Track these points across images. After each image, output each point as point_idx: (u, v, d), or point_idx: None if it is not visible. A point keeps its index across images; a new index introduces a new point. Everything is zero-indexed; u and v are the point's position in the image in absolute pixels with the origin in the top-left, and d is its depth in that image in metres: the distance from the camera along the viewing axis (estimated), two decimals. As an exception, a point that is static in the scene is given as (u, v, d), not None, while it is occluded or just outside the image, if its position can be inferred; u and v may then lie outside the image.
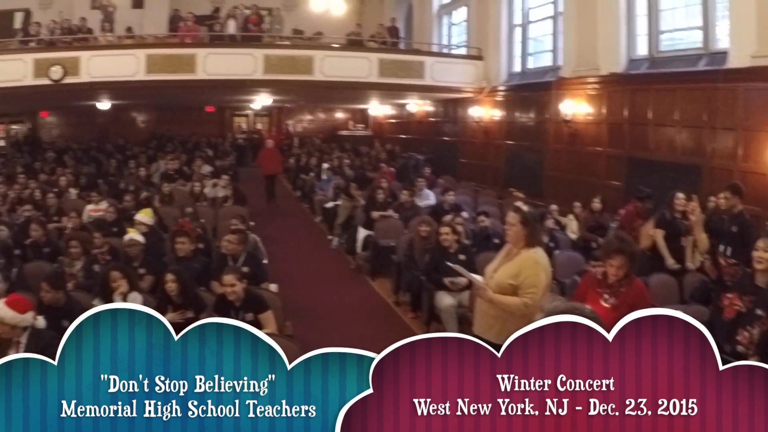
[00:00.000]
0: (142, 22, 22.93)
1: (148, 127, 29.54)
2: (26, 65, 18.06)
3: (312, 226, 17.01)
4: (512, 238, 5.36)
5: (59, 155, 23.61)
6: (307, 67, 18.65)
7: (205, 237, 10.75)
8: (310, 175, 19.82)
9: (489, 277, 5.41)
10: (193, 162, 20.48)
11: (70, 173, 18.23)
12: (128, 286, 7.20)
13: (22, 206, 13.00)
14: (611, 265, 5.22)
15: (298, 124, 30.97)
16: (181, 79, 18.50)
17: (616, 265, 5.19)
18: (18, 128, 30.10)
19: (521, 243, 5.28)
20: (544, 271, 5.27)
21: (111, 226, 10.99)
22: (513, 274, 5.20)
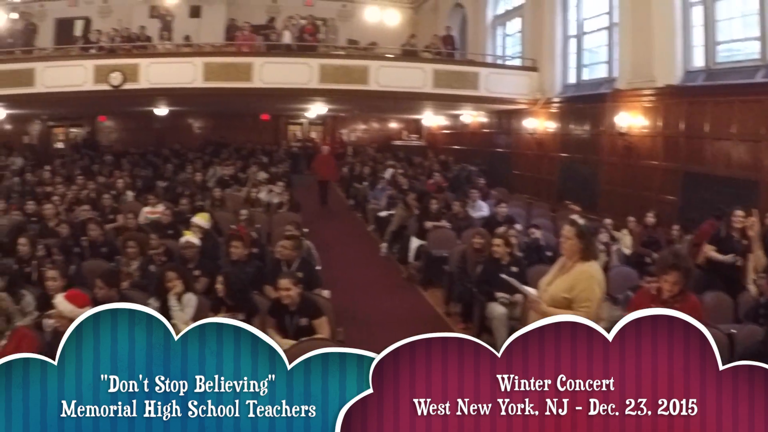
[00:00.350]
0: (199, 31, 23.34)
1: (204, 133, 29.89)
2: (87, 71, 18.58)
3: (364, 234, 16.99)
4: (567, 251, 5.29)
5: (117, 158, 24.08)
6: (362, 77, 18.67)
7: (260, 242, 10.89)
8: (363, 184, 19.73)
9: (543, 290, 5.35)
10: (248, 168, 20.72)
11: (128, 176, 18.66)
12: (183, 286, 7.32)
13: (80, 206, 13.40)
14: (666, 281, 5.20)
15: (352, 133, 30.97)
16: (238, 87, 18.69)
17: (671, 281, 5.16)
18: (77, 131, 30.89)
19: (576, 256, 5.21)
20: (599, 285, 5.17)
21: (167, 229, 11.30)
22: (567, 288, 5.14)
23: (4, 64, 19.48)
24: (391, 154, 24.59)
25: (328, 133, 30.35)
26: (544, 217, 14.49)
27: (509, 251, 9.01)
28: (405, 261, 12.92)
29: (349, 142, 29.68)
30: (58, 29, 26.12)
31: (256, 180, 17.85)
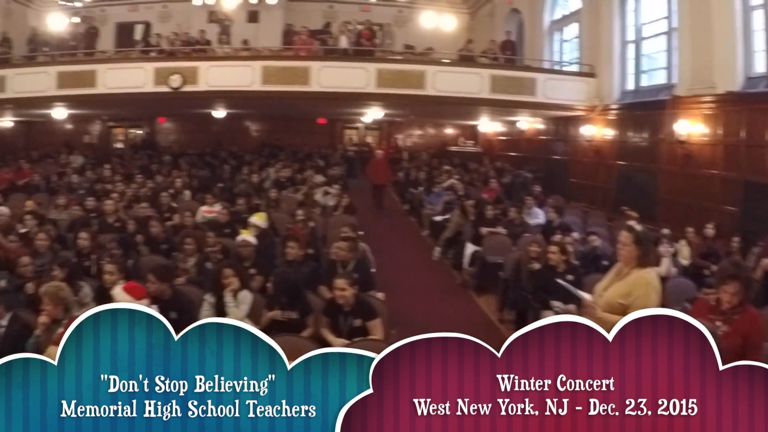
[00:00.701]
0: (257, 36, 23.57)
1: (260, 136, 30.12)
2: (147, 73, 18.97)
3: (419, 239, 16.89)
4: (624, 257, 5.25)
5: (175, 159, 24.52)
6: (419, 82, 18.52)
7: (315, 243, 10.99)
8: (419, 189, 19.66)
9: (598, 296, 5.33)
10: (303, 171, 20.84)
11: (185, 176, 19.00)
12: (239, 284, 7.41)
13: (139, 204, 13.70)
14: (725, 292, 5.03)
15: (408, 138, 30.92)
16: (295, 91, 18.76)
17: (731, 292, 4.98)
18: (136, 132, 31.57)
19: (633, 263, 5.17)
20: (655, 292, 5.10)
21: (223, 228, 11.48)
22: (624, 294, 5.09)
23: (68, 66, 20.05)
24: (447, 160, 24.47)
25: (384, 138, 30.36)
26: (601, 225, 14.14)
27: (565, 259, 8.93)
28: (459, 266, 12.80)
29: (404, 148, 29.62)
30: (118, 33, 26.84)
31: (313, 182, 17.89)
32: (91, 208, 13.70)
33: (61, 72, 19.66)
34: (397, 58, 21.36)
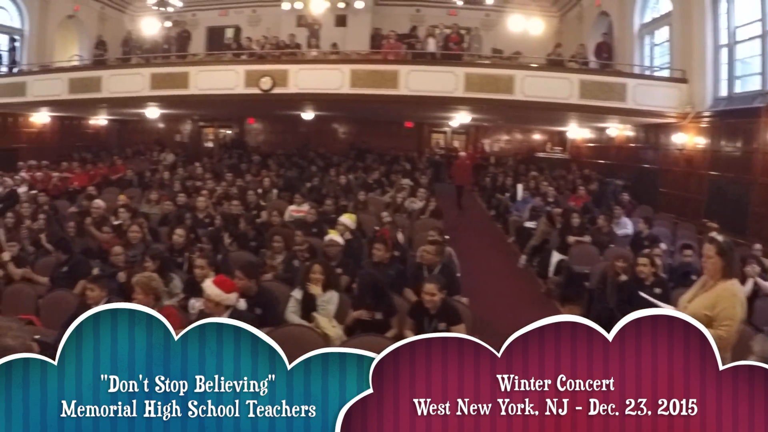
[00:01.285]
0: (344, 39, 23.76)
1: (348, 138, 30.27)
2: (238, 76, 19.39)
3: (504, 245, 16.71)
4: (709, 270, 5.19)
5: (264, 159, 24.96)
6: (507, 87, 18.31)
7: (401, 245, 11.00)
8: (505, 195, 19.48)
9: (683, 307, 5.21)
10: (390, 174, 20.93)
11: (274, 176, 19.40)
12: (327, 282, 7.56)
13: (229, 201, 13.98)
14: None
15: (495, 143, 30.46)
16: (384, 94, 18.82)
17: None
18: (226, 132, 32.18)
19: (718, 275, 5.09)
20: (740, 304, 5.04)
21: (311, 227, 11.63)
22: (709, 305, 5.01)
23: (161, 68, 20.67)
24: (535, 166, 24.16)
25: (471, 143, 30.07)
26: (690, 238, 13.66)
27: (654, 272, 8.73)
28: (545, 275, 12.63)
29: (491, 152, 29.34)
30: (209, 37, 27.63)
31: (400, 185, 17.90)
32: (182, 203, 14.19)
33: (154, 73, 20.38)
34: (485, 62, 21.14)
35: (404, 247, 11.22)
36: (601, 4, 22.76)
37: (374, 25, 24.97)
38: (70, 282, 8.99)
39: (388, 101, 19.45)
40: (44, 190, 17.87)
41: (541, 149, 28.69)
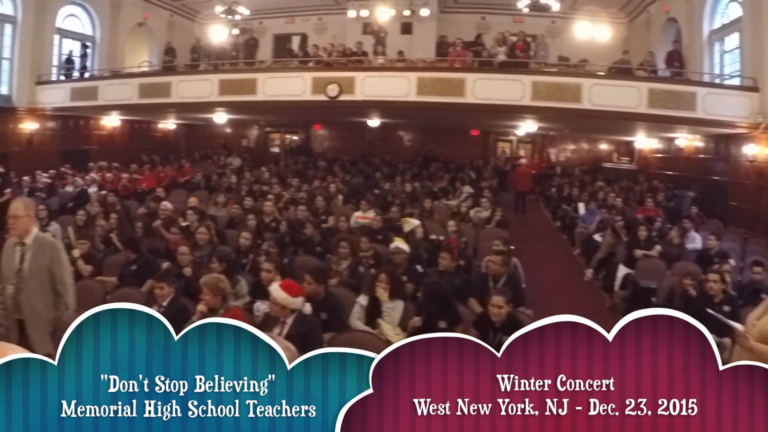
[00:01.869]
0: (410, 47, 23.74)
1: (413, 146, 30.24)
2: (305, 82, 19.56)
3: (570, 257, 16.40)
4: None
5: (329, 165, 25.19)
6: (574, 95, 17.94)
7: (466, 255, 10.98)
8: (571, 206, 19.09)
9: (751, 325, 5.10)
10: (456, 182, 20.83)
11: (340, 182, 19.55)
12: (392, 289, 7.59)
13: (295, 206, 14.11)
14: None
15: (561, 153, 30.01)
16: (450, 102, 18.67)
17: None
18: (292, 138, 32.57)
19: None
20: None
21: (376, 234, 11.60)
22: None
23: (229, 74, 20.99)
24: (601, 177, 23.81)
25: (537, 152, 29.81)
26: (760, 254, 13.17)
27: (723, 288, 8.50)
28: (610, 289, 12.32)
29: (557, 162, 28.99)
30: (276, 44, 28.03)
31: (465, 194, 17.82)
32: (249, 207, 14.29)
33: (222, 80, 20.73)
34: (552, 70, 20.86)
35: (470, 256, 11.18)
36: (670, 11, 22.22)
37: (439, 32, 24.95)
38: (138, 280, 9.24)
39: (454, 109, 19.27)
40: (114, 191, 18.29)
41: (608, 159, 28.24)
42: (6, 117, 22.53)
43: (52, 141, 24.27)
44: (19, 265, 6.21)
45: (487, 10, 25.81)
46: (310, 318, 6.71)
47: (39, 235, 6.35)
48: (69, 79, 24.04)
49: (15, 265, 6.22)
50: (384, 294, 7.55)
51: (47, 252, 6.31)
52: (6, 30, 22.27)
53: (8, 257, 6.28)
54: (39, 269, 6.24)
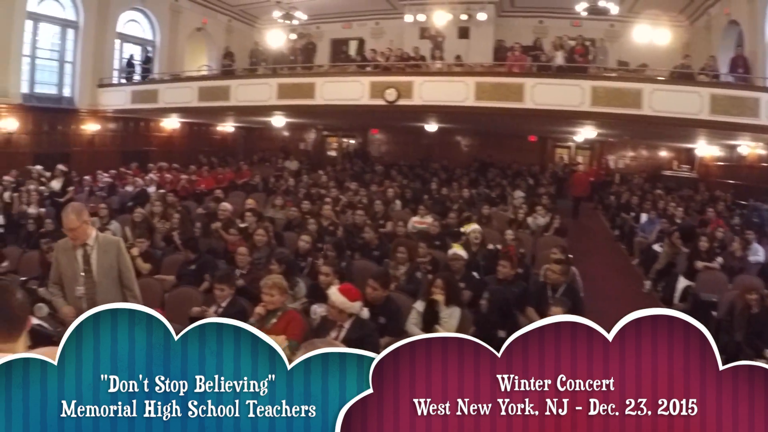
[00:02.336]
0: (467, 52, 23.65)
1: (470, 151, 30.21)
2: (363, 87, 19.70)
3: (627, 268, 16.06)
4: None
5: (387, 169, 25.29)
6: (635, 101, 17.60)
7: (524, 263, 10.88)
8: (630, 215, 18.76)
9: None
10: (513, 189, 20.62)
11: (397, 186, 19.47)
12: (449, 296, 7.55)
13: (353, 210, 14.11)
14: None
15: (620, 160, 29.57)
16: (509, 108, 18.56)
17: None
18: (350, 142, 32.82)
19: None
20: None
21: (434, 239, 11.62)
22: None
23: (287, 78, 21.14)
24: (661, 185, 23.37)
25: (595, 158, 29.34)
26: None
27: (787, 304, 8.27)
28: (670, 301, 11.82)
29: (616, 169, 28.57)
30: (333, 48, 28.24)
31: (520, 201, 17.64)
32: (306, 210, 14.36)
33: (281, 83, 21.00)
34: (612, 75, 20.39)
35: (528, 264, 11.07)
36: (731, 13, 21.53)
37: (497, 37, 24.78)
38: (195, 280, 9.48)
39: (512, 114, 19.12)
40: (173, 191, 18.58)
41: (668, 167, 27.75)
42: (69, 118, 23.24)
43: (113, 142, 24.97)
44: (85, 265, 6.26)
45: (545, 13, 25.58)
46: (368, 323, 6.72)
47: (100, 235, 6.41)
48: (130, 82, 24.78)
49: (80, 266, 6.26)
50: (441, 298, 7.51)
51: (112, 250, 6.41)
52: (69, 35, 23.01)
53: (68, 259, 6.30)
54: (108, 267, 6.34)
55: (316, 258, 10.05)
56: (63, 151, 22.29)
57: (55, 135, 22.80)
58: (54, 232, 12.28)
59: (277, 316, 6.85)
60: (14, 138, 21.14)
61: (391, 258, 9.86)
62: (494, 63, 21.98)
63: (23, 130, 21.48)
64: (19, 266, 11.67)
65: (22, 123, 21.36)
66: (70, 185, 18.40)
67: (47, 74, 22.97)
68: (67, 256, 6.31)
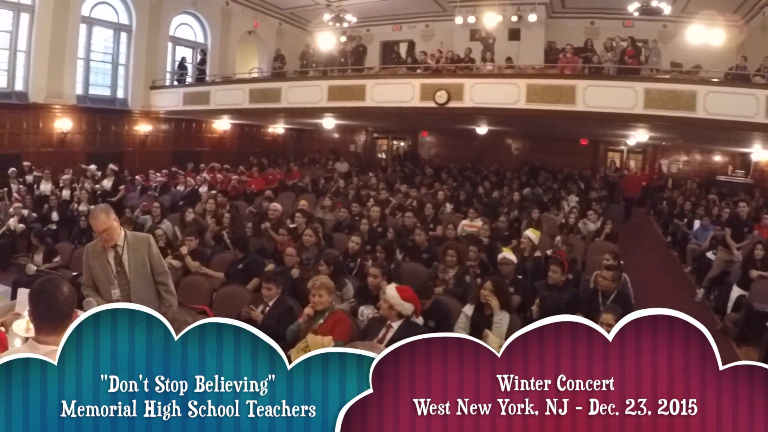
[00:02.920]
0: (518, 53, 23.45)
1: (521, 154, 29.99)
2: (414, 89, 19.64)
3: (679, 275, 15.76)
4: None
5: (436, 172, 25.24)
6: (689, 104, 17.08)
7: (575, 268, 10.68)
8: (683, 221, 18.46)
9: None
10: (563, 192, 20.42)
11: (447, 189, 19.44)
12: (498, 301, 7.47)
13: (403, 213, 14.06)
14: None
15: (673, 164, 28.91)
16: (560, 110, 18.26)
17: None
18: (399, 144, 32.85)
19: None
20: None
21: (484, 243, 11.44)
22: None
23: (338, 81, 21.26)
24: (716, 190, 22.89)
25: (648, 162, 28.86)
26: None
27: None
28: (723, 311, 11.70)
29: (668, 174, 28.08)
30: (383, 51, 28.40)
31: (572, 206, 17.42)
32: (356, 212, 14.46)
33: (331, 86, 21.09)
34: (665, 77, 19.93)
35: (578, 270, 10.88)
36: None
37: (548, 38, 24.63)
38: (244, 278, 9.56)
39: (564, 117, 18.76)
40: (223, 191, 18.79)
41: (722, 172, 27.10)
42: (122, 119, 23.87)
43: (165, 142, 25.56)
44: (117, 267, 6.14)
45: (597, 14, 25.23)
46: (417, 325, 6.74)
47: (128, 233, 6.31)
48: (182, 84, 25.21)
49: (113, 268, 6.14)
50: (495, 302, 7.43)
51: (143, 247, 6.27)
52: (122, 38, 23.64)
53: (100, 263, 6.17)
54: (141, 266, 6.21)
55: (365, 259, 10.12)
56: (115, 151, 22.86)
57: (108, 135, 23.49)
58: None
59: (324, 316, 6.94)
60: (68, 138, 21.85)
61: (441, 261, 9.83)
62: (545, 65, 21.75)
63: (77, 130, 22.20)
64: (71, 262, 11.91)
65: (76, 123, 22.11)
66: (121, 184, 18.70)
67: (101, 76, 23.64)
68: (98, 260, 6.20)
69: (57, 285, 3.37)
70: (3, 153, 19.97)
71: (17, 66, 20.58)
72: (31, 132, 21.03)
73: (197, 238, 11.09)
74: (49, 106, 21.28)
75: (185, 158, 23.84)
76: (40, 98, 20.92)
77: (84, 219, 13.89)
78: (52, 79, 21.01)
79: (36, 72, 20.66)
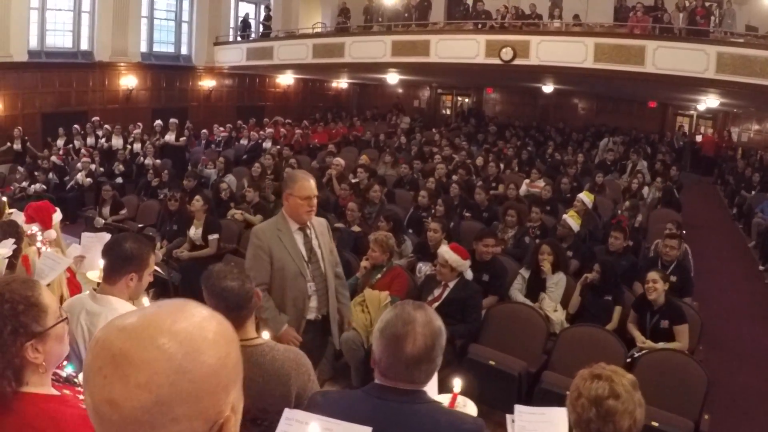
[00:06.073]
0: (587, 11, 22.77)
1: (587, 114, 29.51)
2: (479, 45, 19.27)
3: (743, 250, 15.29)
4: None
5: (500, 130, 25.08)
6: (763, 70, 16.26)
7: (636, 236, 10.58)
8: (751, 193, 17.93)
9: None
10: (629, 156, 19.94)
11: (511, 148, 19.69)
12: (556, 263, 7.63)
13: (466, 170, 14.16)
14: None
15: (744, 132, 27.58)
16: (629, 71, 17.71)
17: None
18: (464, 100, 32.56)
19: None
20: None
21: (545, 204, 11.49)
22: None
23: (402, 36, 21.04)
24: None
25: (717, 129, 27.81)
26: None
27: None
28: None
29: (738, 143, 26.80)
30: (448, 5, 27.60)
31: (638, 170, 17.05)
32: (419, 168, 14.37)
33: (395, 41, 20.87)
34: (739, 41, 19.17)
35: (639, 237, 10.75)
36: None
37: (623, -4, 23.74)
38: None
39: (632, 78, 18.14)
40: (287, 145, 18.84)
41: (795, 142, 26.17)
42: (186, 75, 24.37)
43: (229, 97, 25.90)
44: (309, 254, 5.11)
45: (668, -28, 24.32)
46: (472, 284, 6.83)
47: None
48: (245, 39, 25.24)
49: (304, 255, 5.09)
50: (548, 266, 7.50)
51: (326, 231, 5.37)
52: None
53: (289, 246, 5.04)
54: (330, 254, 5.33)
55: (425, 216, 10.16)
56: (180, 106, 23.34)
57: (172, 91, 23.99)
58: (170, 182, 12.75)
59: (382, 271, 7.10)
60: (134, 94, 22.41)
61: (501, 220, 9.91)
62: (615, 23, 21.17)
63: (142, 86, 22.76)
64: (136, 214, 12.22)
65: (141, 80, 22.67)
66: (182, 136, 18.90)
67: (164, 34, 24.20)
68: (283, 243, 5.02)
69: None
70: (71, 110, 20.46)
71: (82, 26, 21.10)
72: (97, 90, 21.61)
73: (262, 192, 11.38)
74: (114, 64, 21.83)
75: (249, 113, 24.14)
76: (105, 57, 21.49)
77: (151, 172, 14.02)
78: (116, 38, 21.57)
79: (100, 31, 21.23)
